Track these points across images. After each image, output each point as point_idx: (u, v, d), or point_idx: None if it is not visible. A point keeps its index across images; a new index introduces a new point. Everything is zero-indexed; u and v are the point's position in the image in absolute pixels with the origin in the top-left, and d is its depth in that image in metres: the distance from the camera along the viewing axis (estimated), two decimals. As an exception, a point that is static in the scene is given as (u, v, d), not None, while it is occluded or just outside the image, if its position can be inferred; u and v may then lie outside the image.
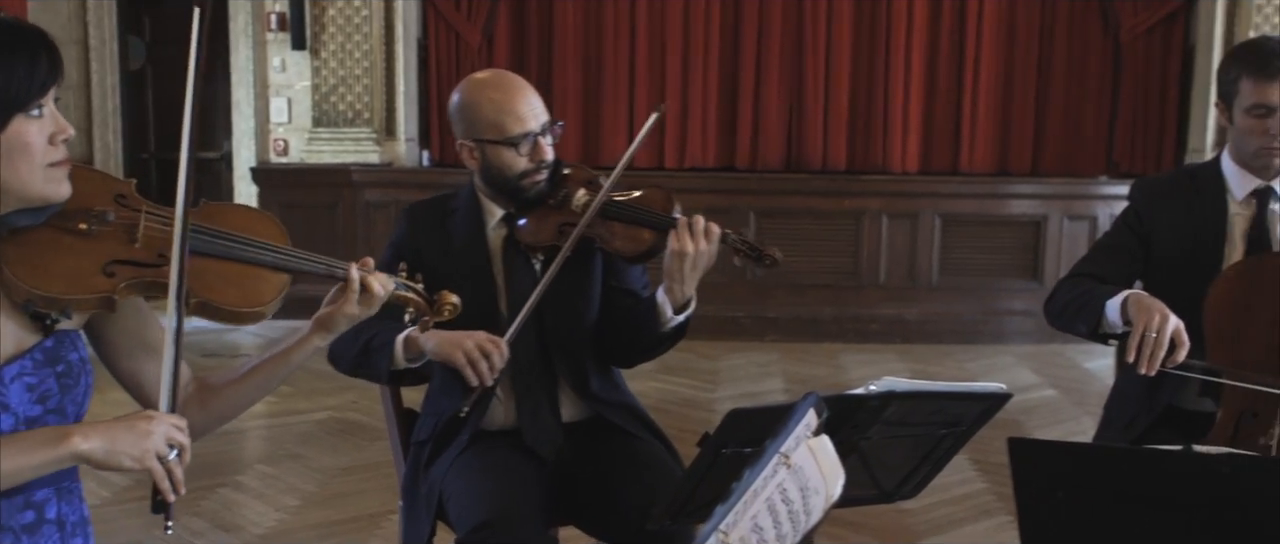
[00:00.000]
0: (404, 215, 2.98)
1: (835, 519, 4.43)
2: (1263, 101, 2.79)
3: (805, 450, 1.46)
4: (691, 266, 2.66)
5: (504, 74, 2.85)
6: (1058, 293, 2.97)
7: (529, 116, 2.73)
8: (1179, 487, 1.97)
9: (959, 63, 9.20)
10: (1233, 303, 2.72)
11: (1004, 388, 2.19)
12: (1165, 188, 3.04)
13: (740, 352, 7.86)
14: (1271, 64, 2.77)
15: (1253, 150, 2.87)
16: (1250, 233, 2.90)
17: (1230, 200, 2.95)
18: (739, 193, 8.48)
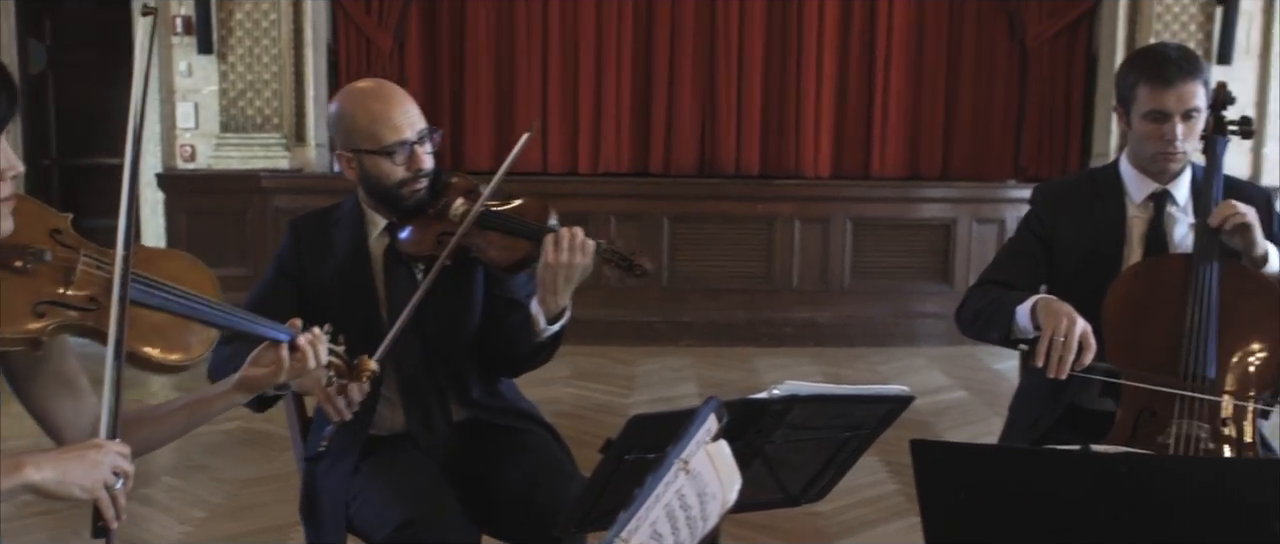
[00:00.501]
0: (289, 229, 2.95)
1: (747, 523, 4.45)
2: (1159, 108, 2.85)
3: (703, 455, 1.46)
4: (564, 279, 2.64)
5: (381, 83, 2.82)
6: (968, 302, 3.02)
7: (404, 125, 2.71)
8: (1077, 486, 1.99)
9: (869, 68, 9.28)
10: (1130, 303, 2.77)
11: (906, 390, 2.21)
12: (1066, 192, 3.09)
13: (655, 356, 7.87)
14: (1167, 71, 2.83)
15: (1150, 155, 2.93)
16: (1148, 235, 2.96)
17: (1129, 203, 3.00)
18: (652, 198, 8.47)
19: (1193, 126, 2.87)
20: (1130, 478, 1.93)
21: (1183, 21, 8.63)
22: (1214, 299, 2.69)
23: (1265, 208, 2.91)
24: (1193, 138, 2.89)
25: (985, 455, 2.17)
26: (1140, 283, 2.80)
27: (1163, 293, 2.75)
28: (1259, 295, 2.75)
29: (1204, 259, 2.74)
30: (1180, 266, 2.79)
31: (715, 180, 8.97)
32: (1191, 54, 2.89)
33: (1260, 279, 2.77)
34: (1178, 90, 2.81)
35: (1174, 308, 2.70)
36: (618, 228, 8.31)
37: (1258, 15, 8.90)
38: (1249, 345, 2.72)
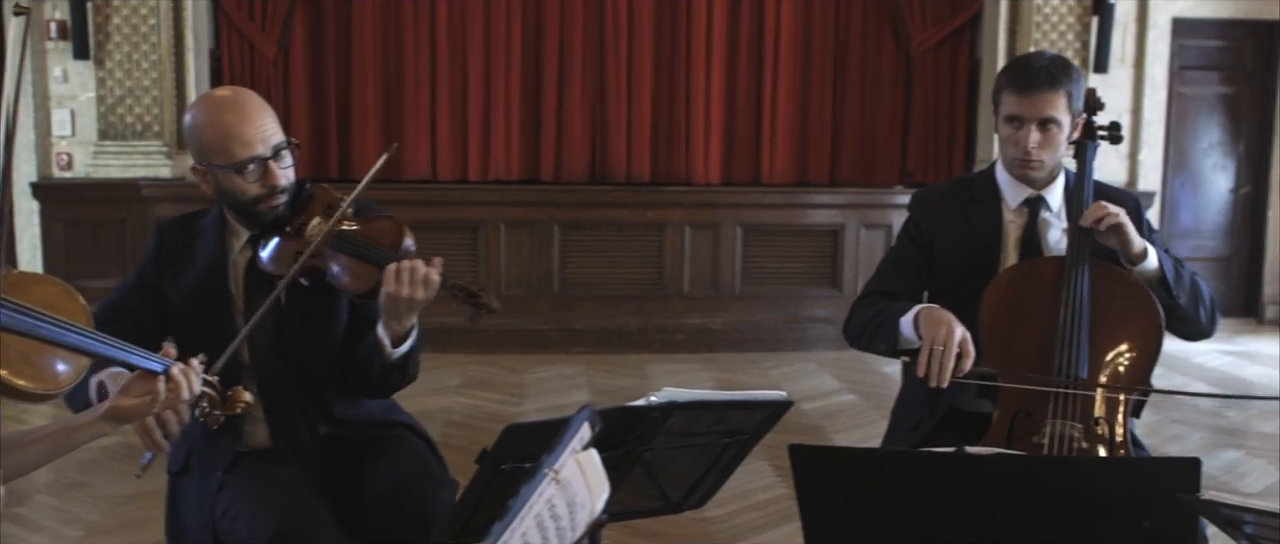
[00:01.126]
0: (155, 233, 2.88)
1: (639, 529, 4.45)
2: (1016, 113, 2.90)
3: (574, 464, 1.44)
4: (406, 308, 2.60)
5: (237, 92, 2.70)
6: (854, 315, 3.04)
7: (256, 140, 2.60)
8: (952, 487, 2.02)
9: (757, 77, 9.36)
10: (1005, 307, 2.81)
11: (783, 396, 2.22)
12: (943, 197, 3.12)
13: (547, 364, 7.83)
14: (1028, 78, 2.88)
15: (1009, 159, 2.99)
16: (1023, 240, 3.01)
17: (1005, 209, 3.05)
18: (541, 205, 8.45)
19: (1051, 137, 2.90)
20: (1004, 478, 1.96)
21: (1061, 31, 8.84)
22: (1086, 301, 2.75)
23: (1135, 213, 2.98)
24: (1051, 148, 2.92)
25: (862, 458, 2.18)
26: (1014, 286, 2.84)
27: (1037, 295, 2.80)
28: (1128, 298, 2.81)
29: (1077, 262, 2.80)
30: (1053, 269, 2.84)
31: (606, 187, 8.97)
32: (1060, 67, 2.91)
33: (1130, 281, 2.83)
34: (1034, 98, 2.86)
35: (1047, 310, 2.75)
36: (507, 236, 8.27)
37: (1132, 25, 9.16)
38: (1119, 346, 2.78)
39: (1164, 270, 2.84)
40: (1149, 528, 1.93)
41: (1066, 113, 2.90)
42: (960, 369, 2.60)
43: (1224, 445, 6.01)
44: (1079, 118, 2.98)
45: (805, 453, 2.06)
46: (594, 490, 1.43)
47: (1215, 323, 2.96)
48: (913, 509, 2.06)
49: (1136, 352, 2.78)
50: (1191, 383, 7.49)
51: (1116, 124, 3.13)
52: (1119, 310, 2.79)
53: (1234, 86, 9.80)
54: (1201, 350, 8.66)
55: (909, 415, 3.10)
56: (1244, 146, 9.88)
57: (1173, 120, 9.60)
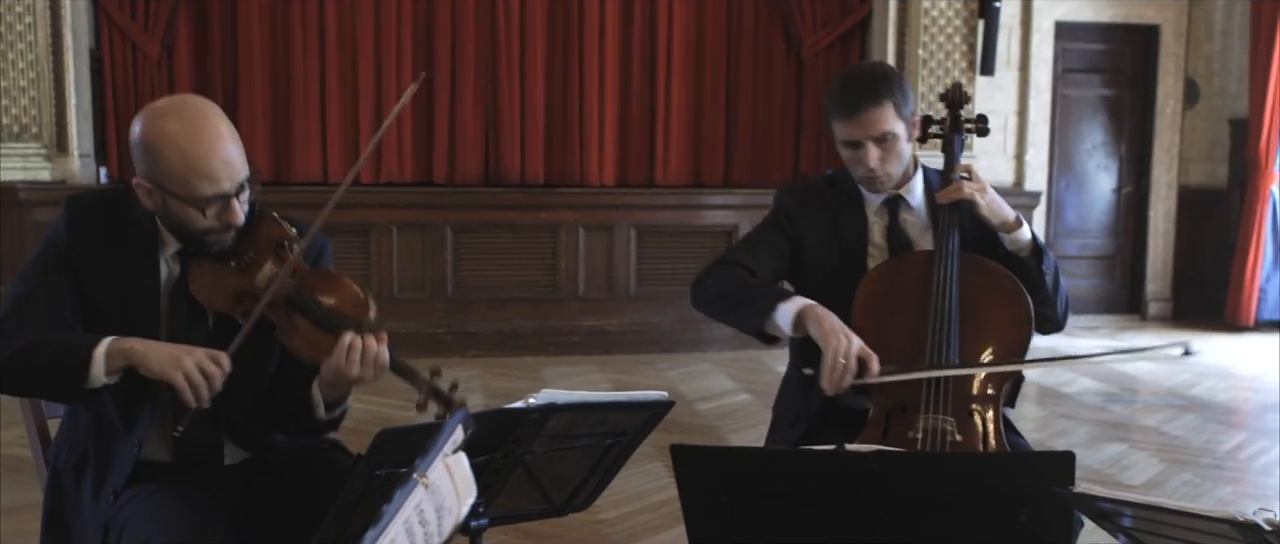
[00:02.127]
0: (66, 208, 2.52)
1: (532, 533, 4.41)
2: (850, 139, 2.89)
3: (442, 469, 1.41)
4: (351, 385, 2.46)
5: (202, 113, 2.40)
6: (712, 278, 2.96)
7: (223, 177, 2.36)
8: (833, 485, 2.02)
9: (651, 79, 9.38)
10: (876, 302, 2.83)
11: (664, 396, 2.21)
12: (809, 195, 3.11)
13: (445, 368, 7.72)
14: (850, 103, 2.84)
15: (858, 177, 2.99)
16: (889, 238, 3.02)
17: (868, 208, 3.05)
18: (433, 207, 8.37)
19: (890, 148, 2.89)
20: (883, 475, 1.97)
21: (948, 33, 8.98)
22: (955, 293, 2.77)
23: None
24: (894, 158, 2.91)
25: (744, 458, 2.18)
26: (885, 282, 2.86)
27: (907, 290, 2.82)
28: (998, 289, 2.84)
29: (944, 254, 2.81)
30: (923, 263, 2.86)
31: (499, 189, 8.91)
32: (880, 79, 2.88)
33: (997, 272, 2.86)
34: (862, 120, 2.84)
35: (918, 304, 2.77)
36: (399, 238, 8.18)
37: (1017, 29, 9.35)
38: (990, 335, 2.80)
39: (1037, 242, 2.88)
40: (1025, 521, 1.95)
41: (898, 121, 2.87)
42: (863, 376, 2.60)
43: (1109, 439, 6.13)
44: (914, 118, 2.97)
45: (687, 453, 2.05)
46: (461, 494, 1.40)
47: (1067, 316, 3.02)
48: (795, 507, 2.06)
49: (1007, 340, 2.80)
50: (1078, 379, 7.64)
51: (983, 117, 3.14)
52: (989, 301, 2.82)
53: (1116, 89, 10.05)
54: (1087, 346, 8.85)
55: (789, 412, 3.11)
56: (1126, 147, 10.13)
57: (1057, 122, 9.81)
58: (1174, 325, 9.94)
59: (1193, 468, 5.60)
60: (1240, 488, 5.31)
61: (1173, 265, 10.20)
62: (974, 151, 8.94)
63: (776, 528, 2.07)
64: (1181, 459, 5.76)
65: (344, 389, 2.48)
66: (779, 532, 2.08)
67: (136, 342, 2.30)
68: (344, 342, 2.36)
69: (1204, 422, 6.56)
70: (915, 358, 2.71)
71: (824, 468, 2.01)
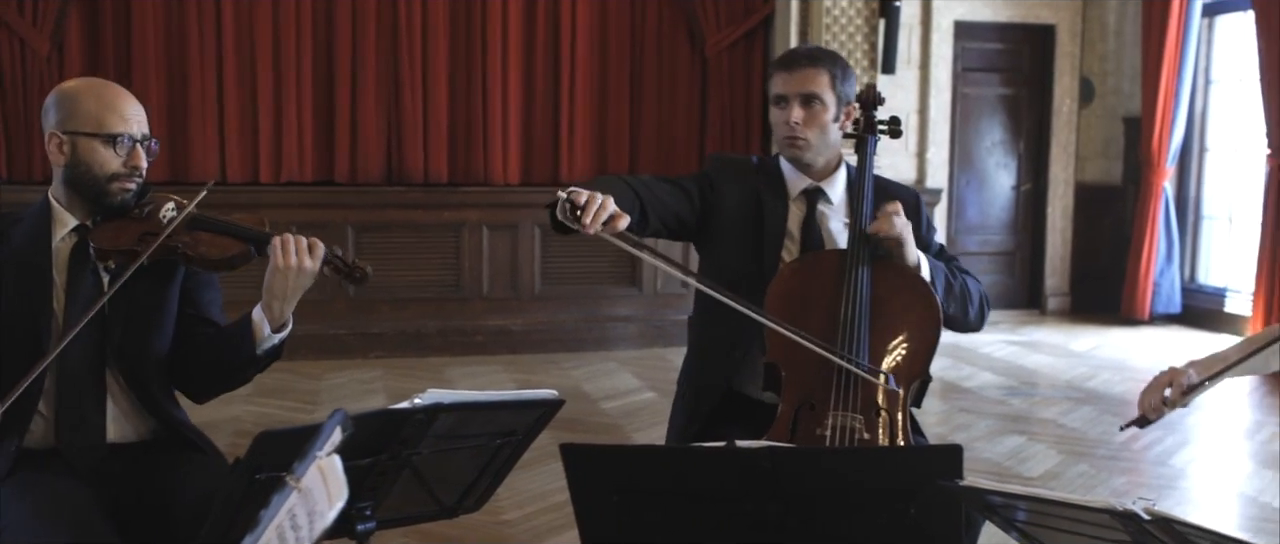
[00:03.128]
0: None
1: (432, 534, 4.35)
2: (781, 91, 2.98)
3: (315, 471, 1.37)
4: (294, 285, 2.61)
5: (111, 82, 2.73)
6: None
7: (132, 120, 2.63)
8: (725, 482, 2.01)
9: (555, 78, 9.33)
10: (789, 298, 2.83)
11: (554, 394, 2.17)
12: (739, 169, 3.13)
13: (343, 369, 7.65)
14: (792, 57, 3.00)
15: (780, 141, 3.04)
16: (804, 230, 3.04)
17: (789, 198, 3.07)
18: (335, 207, 8.25)
19: (815, 114, 2.96)
20: (774, 472, 1.96)
21: (850, 32, 9.05)
22: (866, 294, 2.79)
23: (915, 209, 3.05)
24: (816, 126, 2.97)
25: (634, 456, 2.16)
26: (798, 278, 2.87)
27: (819, 287, 2.82)
28: (907, 291, 2.86)
29: (857, 257, 2.83)
30: (836, 263, 2.88)
31: (401, 188, 8.80)
32: (825, 52, 3.03)
33: (909, 275, 2.89)
34: (796, 74, 2.96)
35: (830, 303, 2.78)
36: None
37: (917, 27, 9.45)
38: (898, 337, 2.82)
39: (934, 283, 2.91)
40: (914, 516, 1.96)
41: (830, 92, 2.96)
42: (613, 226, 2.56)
43: (1008, 432, 6.22)
44: (848, 106, 3.03)
45: (577, 452, 2.02)
46: (332, 498, 1.36)
47: (985, 317, 3.07)
48: (687, 505, 2.04)
49: (915, 342, 2.83)
50: (980, 373, 7.75)
51: (896, 119, 3.19)
52: (899, 303, 2.84)
53: (1014, 87, 10.21)
54: (988, 341, 9.01)
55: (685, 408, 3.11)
56: (1024, 145, 10.29)
57: (957, 120, 9.94)
58: (1072, 319, 10.12)
59: (1089, 459, 5.70)
60: (1135, 478, 5.41)
61: (1070, 261, 10.39)
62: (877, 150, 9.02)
63: (670, 526, 2.06)
64: (1079, 451, 5.86)
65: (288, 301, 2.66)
66: (672, 530, 2.06)
67: None
68: (275, 241, 2.60)
69: (1100, 413, 6.68)
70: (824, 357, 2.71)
71: (716, 465, 2.00)
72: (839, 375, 2.70)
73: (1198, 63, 9.67)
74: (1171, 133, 9.58)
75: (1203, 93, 9.85)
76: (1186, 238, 10.01)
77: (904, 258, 2.87)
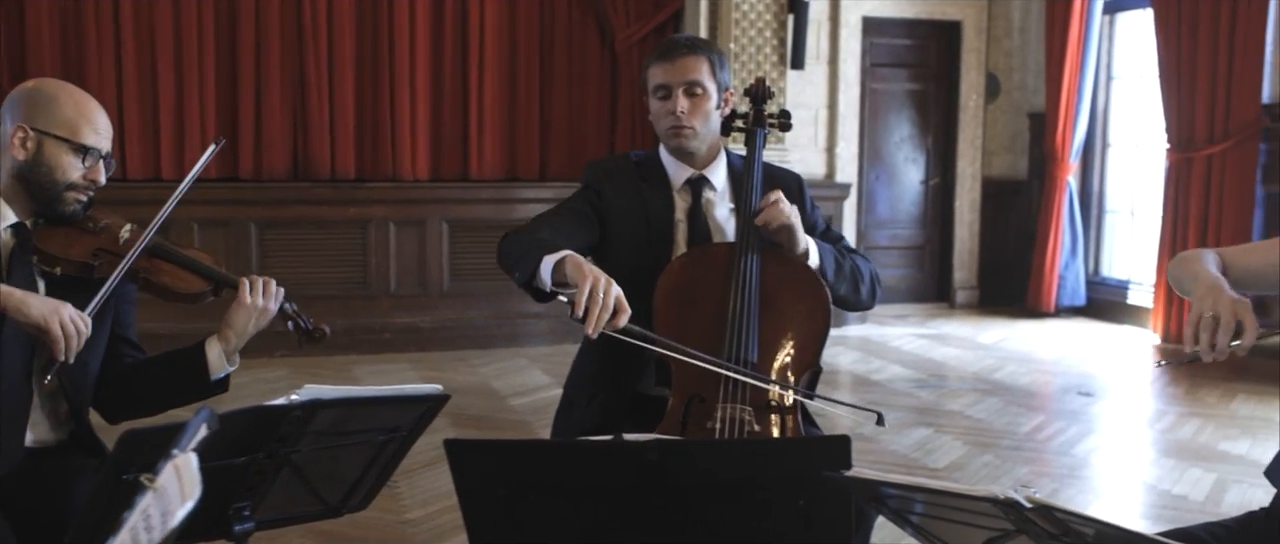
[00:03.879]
0: None
1: (333, 534, 4.27)
2: (662, 82, 2.96)
3: (171, 470, 1.31)
4: (255, 323, 2.69)
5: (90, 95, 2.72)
6: (511, 239, 2.92)
7: (104, 135, 2.64)
8: (612, 476, 1.97)
9: (464, 74, 9.25)
10: (678, 291, 2.81)
11: (439, 389, 2.13)
12: (616, 171, 3.10)
13: (247, 369, 7.30)
14: (671, 47, 2.98)
15: (664, 131, 3.01)
16: (690, 221, 3.02)
17: (673, 189, 3.05)
18: (238, 203, 8.10)
19: (698, 103, 2.96)
20: (662, 465, 1.93)
21: (758, 27, 9.06)
22: (755, 286, 2.77)
23: (798, 191, 3.05)
24: (700, 115, 2.96)
25: (519, 451, 2.12)
26: (687, 272, 2.84)
27: (709, 280, 2.80)
28: (797, 281, 2.85)
29: (746, 248, 2.81)
30: (725, 255, 2.86)
31: (305, 184, 8.66)
32: (702, 41, 3.05)
33: (798, 266, 2.88)
34: (677, 63, 2.95)
35: (719, 295, 2.75)
36: (201, 235, 7.89)
37: (826, 23, 9.50)
38: (788, 328, 2.81)
39: (824, 266, 2.91)
40: (804, 508, 1.93)
41: (711, 79, 2.96)
42: (615, 323, 2.53)
43: (916, 424, 6.26)
44: (727, 93, 3.03)
45: (461, 448, 1.98)
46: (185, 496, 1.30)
47: (876, 296, 3.09)
48: (574, 500, 2.00)
49: (805, 335, 2.82)
50: (889, 366, 7.80)
51: (786, 112, 3.20)
52: (788, 294, 2.83)
53: (922, 83, 10.31)
54: (898, 335, 9.09)
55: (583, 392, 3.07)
56: (932, 140, 10.40)
57: (867, 115, 10.01)
58: (980, 312, 10.24)
59: (994, 450, 5.76)
60: (1038, 467, 5.47)
61: (978, 254, 10.52)
62: (785, 145, 9.07)
63: (557, 522, 2.02)
64: (984, 442, 5.91)
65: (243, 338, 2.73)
66: (560, 525, 2.02)
67: (13, 289, 2.43)
68: (244, 282, 2.69)
69: (1006, 405, 6.76)
70: (715, 350, 2.69)
71: (602, 459, 1.96)
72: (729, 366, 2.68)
73: (1100, 59, 9.83)
74: (1075, 128, 9.73)
75: (1105, 89, 10.02)
76: (1090, 231, 10.17)
77: (794, 245, 2.86)
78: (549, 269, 2.65)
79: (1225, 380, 7.34)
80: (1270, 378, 7.03)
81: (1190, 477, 5.31)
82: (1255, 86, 8.02)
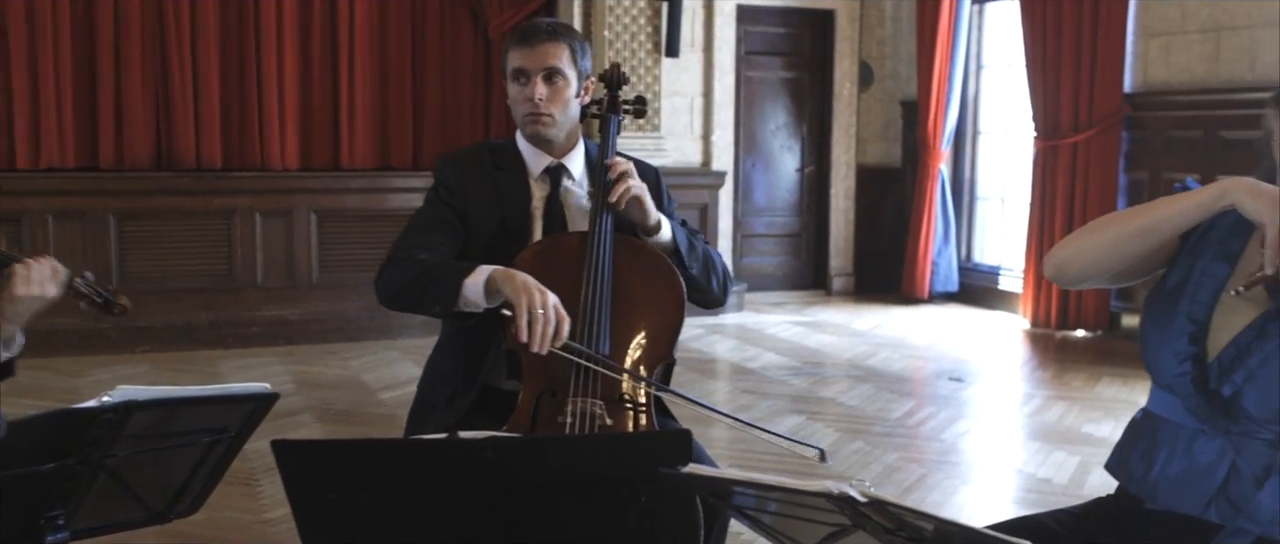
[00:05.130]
0: None
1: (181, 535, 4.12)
2: (521, 66, 2.87)
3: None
4: (33, 307, 2.46)
5: None
6: (390, 274, 2.82)
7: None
8: (448, 474, 1.90)
9: (333, 61, 9.06)
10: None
11: (267, 388, 2.03)
12: (470, 163, 3.00)
13: (107, 366, 7.26)
14: (530, 31, 2.88)
15: (521, 117, 2.93)
16: (547, 210, 2.95)
17: (530, 178, 2.97)
18: (94, 194, 7.81)
19: (557, 90, 2.87)
20: (498, 462, 1.86)
21: (633, 15, 9.02)
22: (608, 276, 2.71)
23: (655, 185, 2.99)
24: (559, 102, 2.89)
25: (349, 450, 2.03)
26: (538, 261, 2.77)
27: (561, 270, 2.73)
28: (650, 270, 2.80)
29: (599, 236, 2.75)
30: (577, 244, 2.79)
31: (166, 174, 8.38)
32: (562, 25, 2.94)
33: (652, 255, 2.82)
34: (537, 49, 2.85)
35: (571, 286, 2.69)
36: (56, 228, 7.60)
37: (700, 11, 9.48)
38: (642, 319, 2.75)
39: (677, 242, 2.86)
40: (645, 504, 1.88)
41: (571, 67, 2.88)
42: (558, 337, 2.48)
43: (789, 412, 6.28)
44: (587, 80, 2.96)
45: (289, 449, 1.88)
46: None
47: (727, 291, 3.03)
48: (410, 500, 1.93)
49: (659, 325, 2.77)
50: (764, 354, 7.82)
51: (642, 98, 3.15)
52: (642, 284, 2.77)
53: (796, 71, 10.36)
54: (774, 323, 9.12)
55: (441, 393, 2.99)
56: (807, 127, 10.46)
57: (742, 103, 10.03)
58: (856, 299, 10.34)
59: (865, 436, 5.79)
60: (906, 454, 5.51)
61: (854, 241, 10.61)
62: (661, 132, 9.04)
63: (393, 524, 1.94)
64: (855, 428, 5.94)
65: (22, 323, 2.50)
66: (395, 527, 1.94)
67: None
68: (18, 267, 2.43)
69: (878, 391, 6.81)
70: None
71: (437, 457, 1.89)
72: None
73: (969, 49, 9.97)
74: (946, 116, 9.86)
75: (975, 78, 10.17)
76: (962, 218, 10.32)
77: (645, 218, 2.81)
78: (480, 289, 2.59)
79: (1091, 364, 7.50)
80: (1133, 361, 7.18)
81: (1054, 460, 5.39)
82: (1117, 76, 8.21)
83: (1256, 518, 2.00)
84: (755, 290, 10.03)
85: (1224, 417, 2.05)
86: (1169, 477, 2.11)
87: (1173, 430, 2.13)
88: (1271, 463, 2.01)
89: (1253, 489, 2.01)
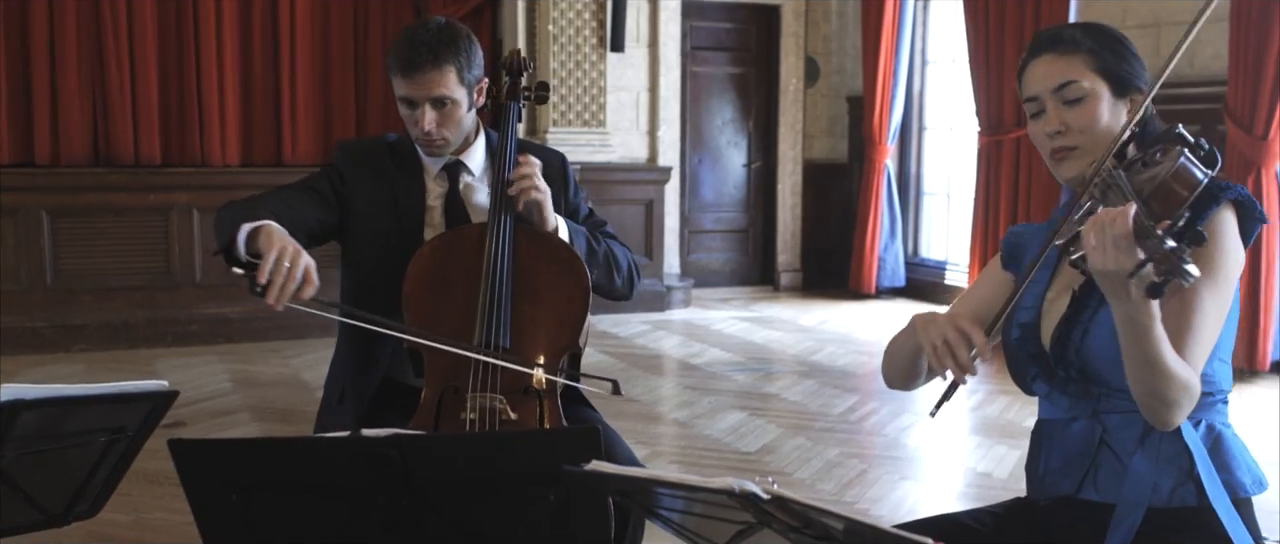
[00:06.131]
0: None
1: (107, 537, 4.06)
2: (406, 94, 2.77)
3: None
4: None
5: None
6: (229, 205, 2.70)
7: None
8: (351, 474, 1.85)
9: (274, 56, 8.94)
10: (430, 278, 2.69)
11: (164, 385, 1.96)
12: (367, 155, 2.93)
13: (41, 365, 7.13)
14: (411, 60, 2.72)
15: (414, 138, 2.86)
16: (447, 207, 2.89)
17: (427, 175, 2.91)
18: (26, 190, 7.67)
19: (448, 114, 2.77)
20: (403, 461, 1.81)
21: (577, 9, 8.97)
22: (508, 268, 2.65)
23: (561, 170, 2.95)
24: (452, 124, 2.79)
25: (248, 450, 1.97)
26: (438, 257, 2.71)
27: (461, 264, 2.68)
28: (554, 261, 2.74)
29: (499, 229, 2.69)
30: (477, 238, 2.72)
31: (101, 170, 8.24)
32: (446, 41, 2.75)
33: (556, 245, 2.76)
34: (420, 79, 2.72)
35: (471, 279, 2.63)
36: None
37: (645, 6, 9.44)
38: (544, 312, 2.70)
39: (574, 247, 2.79)
40: (556, 501, 1.83)
41: (460, 87, 2.76)
42: (301, 295, 2.39)
43: (733, 408, 6.25)
44: (479, 85, 2.86)
45: (186, 448, 1.83)
46: None
47: (634, 284, 2.98)
48: (313, 501, 1.87)
49: (562, 314, 2.71)
50: (709, 350, 7.79)
51: (544, 84, 3.08)
52: (544, 276, 2.71)
53: (743, 67, 10.35)
54: (721, 318, 9.11)
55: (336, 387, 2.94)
56: (754, 123, 10.45)
57: (688, 99, 10.01)
58: (804, 295, 10.34)
59: (807, 432, 5.77)
60: (848, 449, 5.50)
61: (801, 237, 10.62)
62: (606, 128, 8.99)
63: (296, 525, 1.88)
64: (798, 424, 5.93)
65: None
66: (299, 529, 1.89)
67: None
68: None
69: (822, 386, 6.80)
70: (468, 338, 2.57)
71: (340, 456, 1.83)
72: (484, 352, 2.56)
73: (914, 44, 10.00)
74: (892, 112, 9.88)
75: (920, 73, 10.19)
76: (908, 213, 10.35)
77: (543, 222, 2.75)
78: (244, 237, 2.47)
79: (1032, 358, 7.51)
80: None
81: (995, 454, 5.40)
82: (1060, 71, 8.23)
83: (1133, 487, 2.03)
84: (702, 286, 10.01)
85: (1083, 393, 2.13)
86: (1052, 469, 2.19)
87: (1052, 427, 2.22)
88: (1141, 432, 2.05)
89: (1125, 461, 2.06)
